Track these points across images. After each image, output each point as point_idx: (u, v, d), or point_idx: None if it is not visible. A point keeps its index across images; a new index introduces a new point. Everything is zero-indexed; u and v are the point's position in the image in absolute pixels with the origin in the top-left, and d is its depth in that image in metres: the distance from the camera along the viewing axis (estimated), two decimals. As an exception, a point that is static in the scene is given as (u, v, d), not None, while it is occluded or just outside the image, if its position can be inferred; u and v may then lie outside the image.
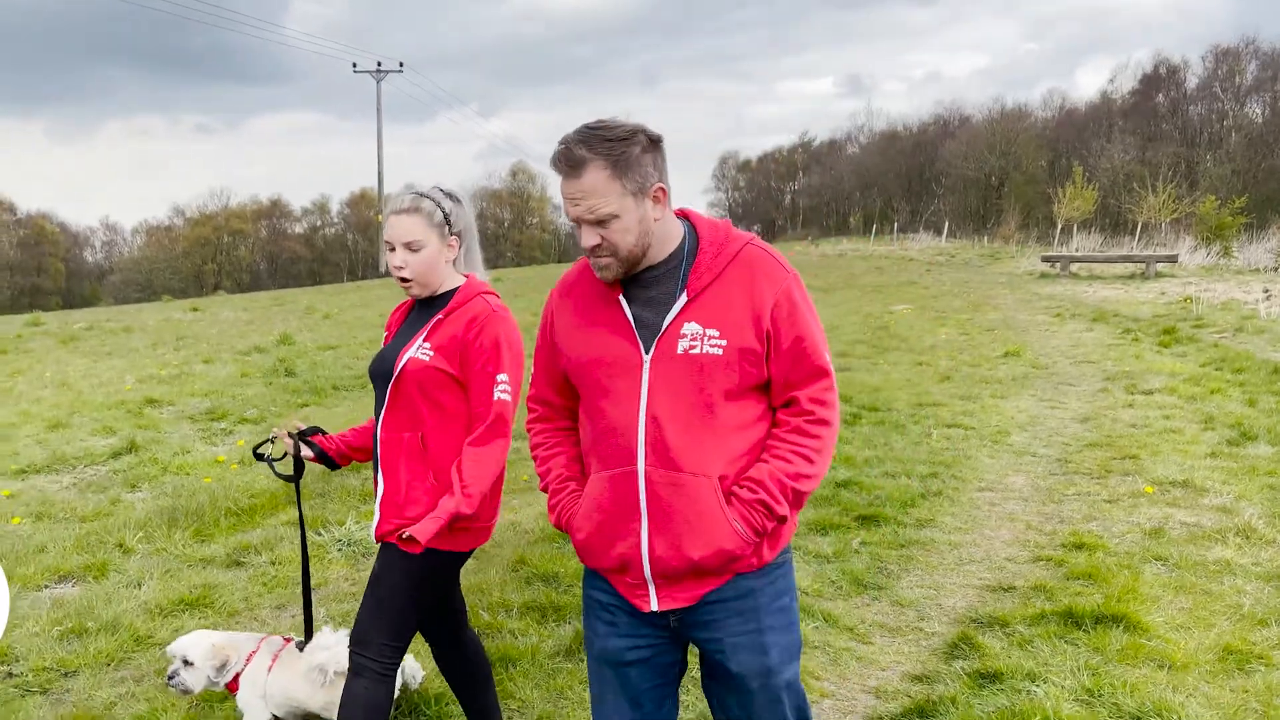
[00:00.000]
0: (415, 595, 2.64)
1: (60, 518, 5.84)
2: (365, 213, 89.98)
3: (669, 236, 2.09)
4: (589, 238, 2.00)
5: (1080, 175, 39.27)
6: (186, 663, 3.17)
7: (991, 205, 60.21)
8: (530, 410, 2.35)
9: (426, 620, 2.87)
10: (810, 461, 2.03)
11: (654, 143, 2.02)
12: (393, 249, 2.60)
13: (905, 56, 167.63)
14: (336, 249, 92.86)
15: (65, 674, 3.88)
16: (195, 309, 22.90)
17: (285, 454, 2.85)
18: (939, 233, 49.66)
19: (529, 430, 2.35)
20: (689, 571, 2.05)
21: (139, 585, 4.73)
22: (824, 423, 2.05)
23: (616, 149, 1.96)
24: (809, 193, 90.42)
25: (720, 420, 2.02)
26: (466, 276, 2.72)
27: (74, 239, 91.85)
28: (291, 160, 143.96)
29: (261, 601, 4.63)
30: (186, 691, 3.18)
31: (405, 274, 2.60)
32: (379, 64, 54.07)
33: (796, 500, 2.05)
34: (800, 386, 2.04)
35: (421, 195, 2.62)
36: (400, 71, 53.93)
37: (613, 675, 2.22)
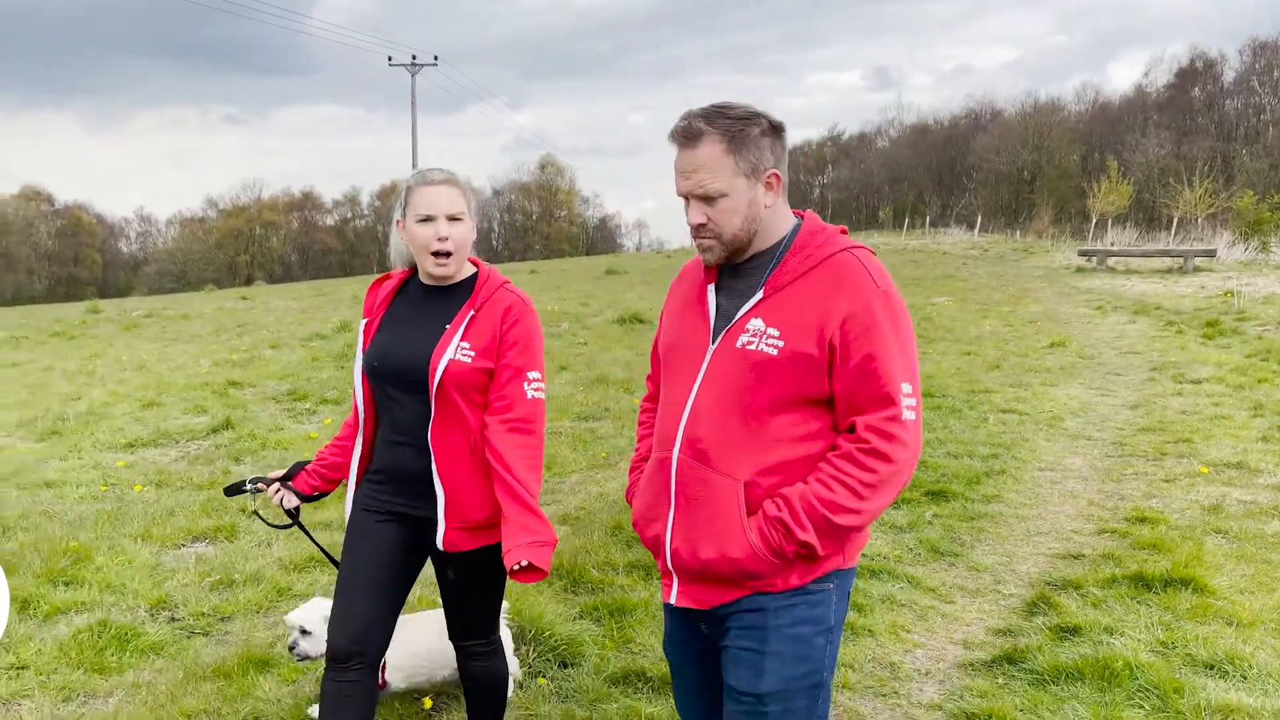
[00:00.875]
0: (498, 583, 2.69)
1: (178, 486, 6.27)
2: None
3: (774, 229, 2.04)
4: (695, 215, 1.99)
5: (1115, 169, 39.17)
6: (304, 631, 3.19)
7: (1024, 199, 60.00)
8: (647, 388, 2.42)
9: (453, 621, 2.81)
10: (855, 495, 1.88)
11: (775, 129, 2.01)
12: (430, 219, 2.45)
13: (934, 49, 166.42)
14: (367, 241, 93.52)
15: (222, 619, 4.29)
16: (244, 298, 23.50)
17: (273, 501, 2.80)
18: (971, 227, 49.59)
19: (640, 409, 2.42)
20: (700, 572, 2.01)
21: (269, 545, 5.14)
22: (881, 455, 1.88)
23: (735, 126, 1.95)
24: (838, 186, 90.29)
25: (763, 425, 1.95)
26: (476, 263, 2.62)
27: (110, 230, 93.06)
28: (319, 152, 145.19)
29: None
30: (306, 658, 3.21)
31: (448, 245, 2.46)
32: (413, 57, 54.64)
33: (830, 531, 1.91)
34: (863, 411, 1.91)
35: (452, 171, 2.54)
36: (435, 65, 54.50)
37: (673, 664, 2.31)
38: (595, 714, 3.38)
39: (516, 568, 2.33)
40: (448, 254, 2.46)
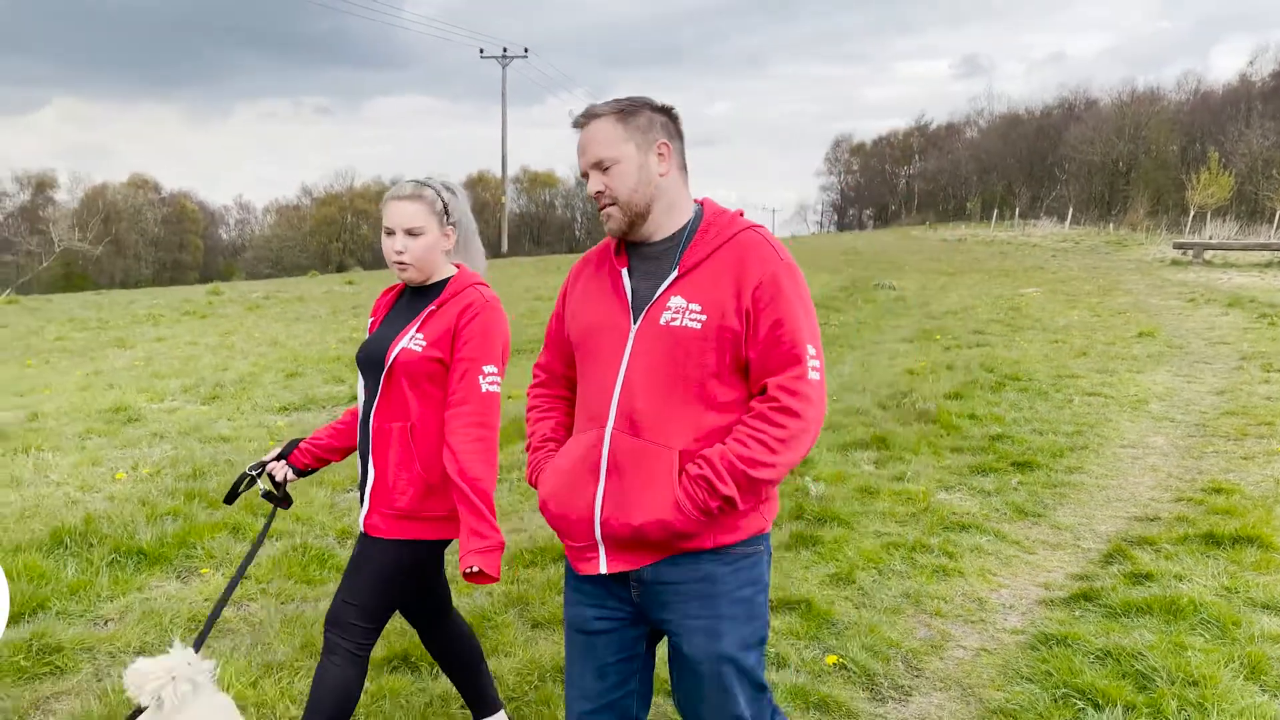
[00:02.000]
0: (396, 583, 2.68)
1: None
2: (482, 195, 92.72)
3: (676, 209, 2.16)
4: (593, 184, 2.13)
5: (1216, 161, 38.16)
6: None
7: (1118, 191, 58.60)
8: (534, 376, 2.46)
9: (409, 606, 2.91)
10: (769, 449, 1.98)
11: (665, 110, 2.16)
12: (392, 234, 2.63)
13: (1026, 36, 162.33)
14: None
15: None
16: (350, 282, 24.74)
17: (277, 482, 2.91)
18: (1062, 219, 48.74)
19: (529, 394, 2.46)
20: (631, 538, 2.07)
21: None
22: (790, 412, 1.99)
23: (625, 104, 2.13)
24: (924, 177, 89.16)
25: (692, 395, 2.05)
26: (458, 267, 2.76)
27: (211, 217, 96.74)
28: (406, 142, 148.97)
29: (522, 508, 5.74)
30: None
31: (405, 259, 2.62)
32: (504, 50, 55.91)
33: (750, 486, 2.00)
34: (773, 373, 2.02)
35: (423, 184, 2.67)
36: (525, 57, 55.67)
37: (580, 643, 2.25)
38: (724, 625, 4.01)
39: (468, 572, 2.45)
40: (403, 264, 2.64)
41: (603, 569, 2.11)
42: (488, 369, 2.57)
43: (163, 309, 18.02)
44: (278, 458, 2.90)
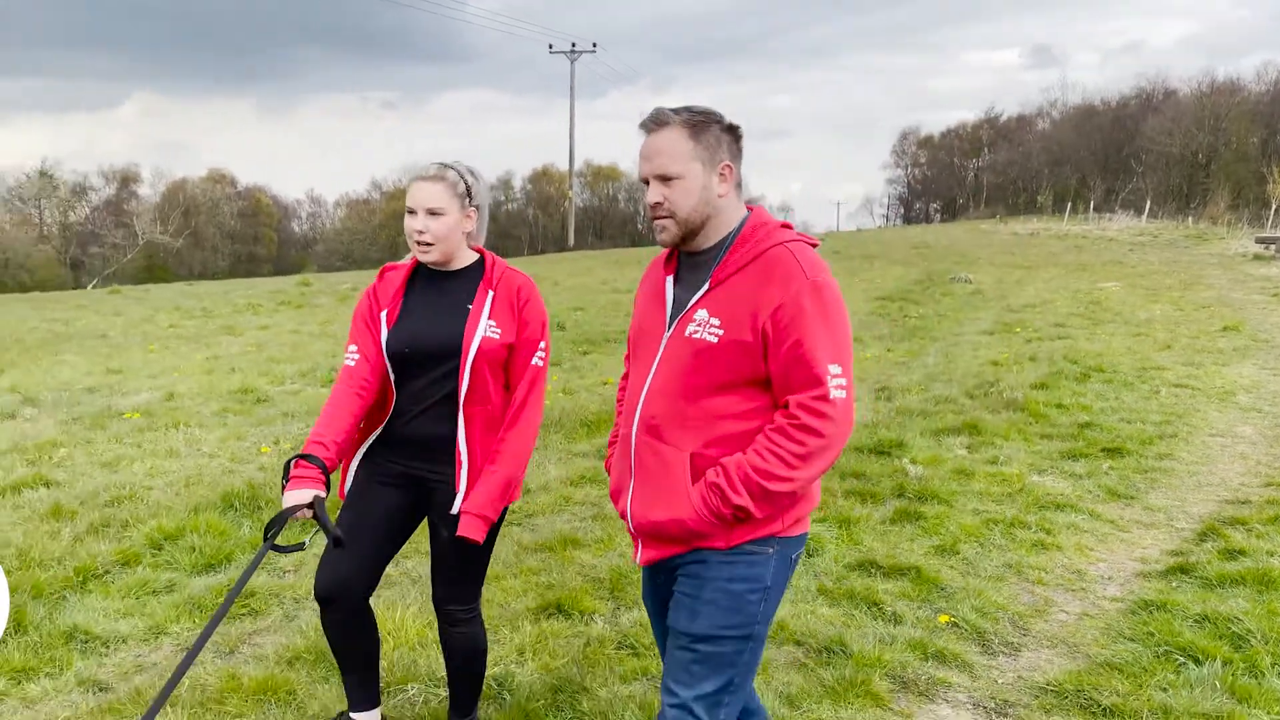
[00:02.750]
0: (489, 549, 2.88)
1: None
2: (546, 189, 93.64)
3: (725, 223, 2.21)
4: (653, 194, 2.16)
5: (1301, 153, 37.08)
6: None
7: (1197, 184, 57.19)
8: (625, 367, 2.58)
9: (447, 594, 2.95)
10: (786, 464, 2.05)
11: (731, 129, 2.20)
12: (414, 213, 2.69)
13: (1101, 25, 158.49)
14: (518, 224, 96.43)
15: (527, 516, 5.50)
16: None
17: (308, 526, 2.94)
18: (1138, 212, 47.78)
19: (619, 386, 2.62)
20: (654, 531, 2.21)
21: (546, 467, 6.36)
22: (809, 430, 2.05)
23: (697, 118, 2.15)
24: (994, 170, 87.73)
25: (706, 403, 2.14)
26: (480, 250, 2.84)
27: (284, 210, 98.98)
28: (470, 136, 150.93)
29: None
30: None
31: (426, 238, 2.68)
32: (573, 45, 56.53)
33: (765, 497, 2.08)
34: (794, 391, 2.08)
35: (447, 166, 2.73)
36: (594, 52, 56.24)
37: (653, 625, 2.51)
38: (839, 587, 4.38)
39: (457, 527, 2.69)
40: (424, 244, 2.69)
41: (638, 559, 2.29)
42: (542, 345, 2.76)
43: (259, 299, 18.87)
44: (300, 504, 2.61)
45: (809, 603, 4.22)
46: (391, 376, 2.77)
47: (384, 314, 2.77)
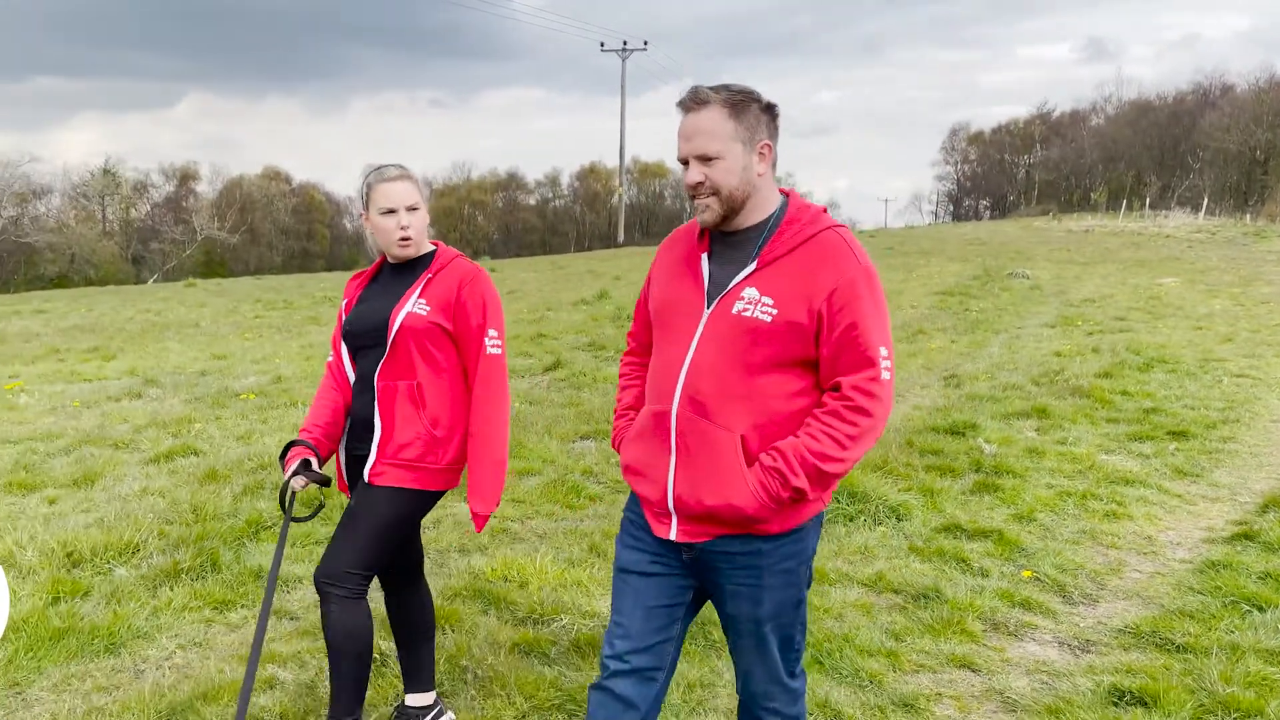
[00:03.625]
0: (389, 531, 2.84)
1: (549, 404, 8.16)
2: (593, 186, 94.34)
3: (765, 203, 2.22)
4: (694, 174, 2.16)
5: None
6: None
7: (1256, 181, 56.25)
8: (627, 344, 2.62)
9: (388, 565, 3.02)
10: (840, 445, 2.09)
11: (769, 109, 2.20)
12: (394, 212, 2.79)
13: (1156, 18, 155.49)
14: (565, 220, 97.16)
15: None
16: (493, 269, 26.17)
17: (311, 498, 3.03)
18: (1195, 209, 47.20)
19: (621, 361, 2.63)
20: (704, 515, 2.19)
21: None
22: (862, 411, 2.09)
23: (736, 97, 2.15)
24: (1046, 166, 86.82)
25: (756, 383, 2.14)
26: (435, 243, 2.94)
27: (336, 207, 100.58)
28: (516, 133, 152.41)
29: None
30: None
31: (409, 233, 2.79)
32: (624, 43, 57.08)
33: (820, 479, 2.11)
34: (846, 373, 2.11)
35: (402, 166, 2.85)
36: (645, 50, 56.76)
37: (633, 583, 2.35)
38: (929, 546, 4.83)
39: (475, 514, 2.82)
40: (408, 238, 2.82)
41: (673, 535, 2.25)
42: (491, 332, 2.79)
43: (332, 291, 19.65)
44: (296, 471, 2.83)
45: (902, 559, 4.69)
46: (348, 364, 2.92)
47: (343, 305, 2.99)
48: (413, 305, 2.76)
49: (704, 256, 2.25)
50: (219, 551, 4.64)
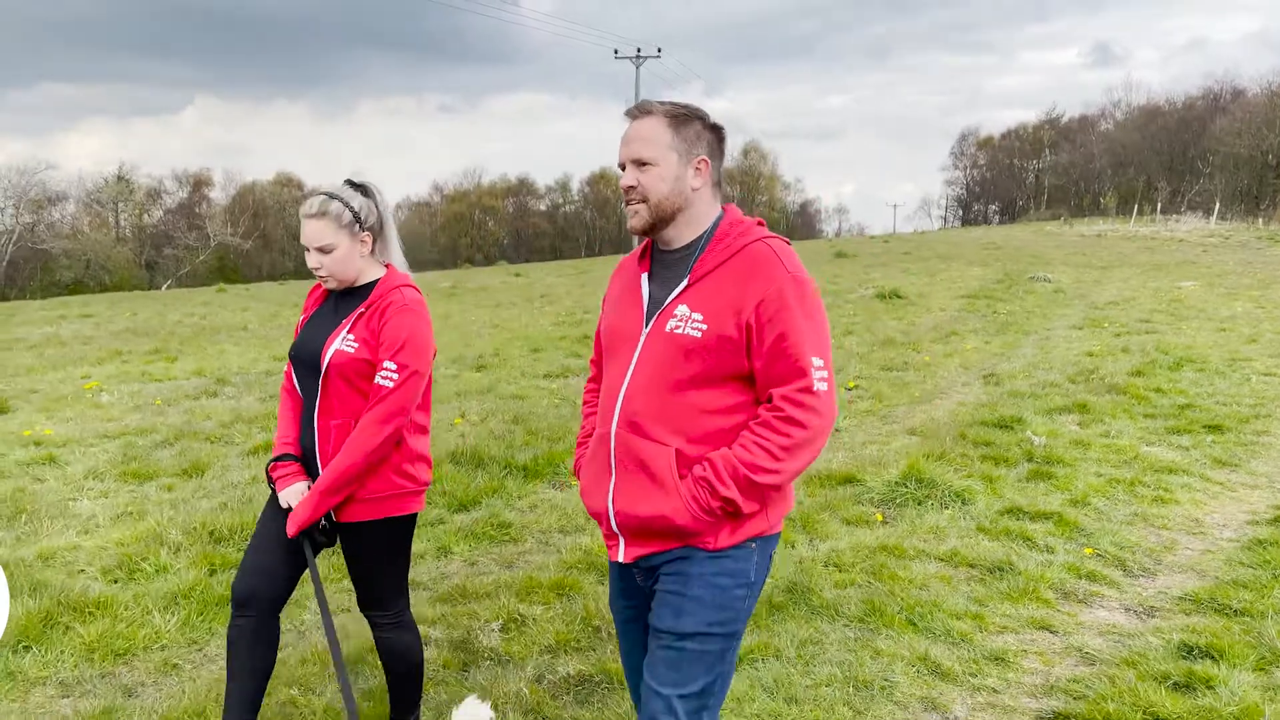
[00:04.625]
0: (396, 556, 2.91)
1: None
2: (604, 191, 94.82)
3: (700, 218, 2.23)
4: (628, 178, 2.18)
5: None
6: None
7: (1268, 185, 56.51)
8: (590, 371, 2.64)
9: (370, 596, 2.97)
10: (773, 456, 2.07)
11: (715, 128, 2.24)
12: (309, 250, 2.75)
13: (1163, 21, 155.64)
14: (576, 226, 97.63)
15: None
16: (518, 274, 26.65)
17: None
18: (1206, 214, 47.50)
19: (585, 389, 2.65)
20: (641, 528, 2.19)
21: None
22: (794, 422, 2.07)
23: (679, 111, 2.20)
24: (1055, 171, 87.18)
25: (689, 399, 2.14)
26: (387, 267, 2.86)
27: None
28: (525, 138, 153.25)
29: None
30: None
31: (323, 272, 2.77)
32: (638, 50, 57.62)
33: (751, 489, 2.09)
34: (778, 384, 2.10)
35: (330, 198, 2.73)
36: (659, 57, 57.26)
37: (621, 630, 2.48)
38: (995, 527, 5.24)
39: (290, 519, 2.74)
40: (324, 277, 2.79)
41: (621, 556, 2.26)
42: (388, 364, 2.68)
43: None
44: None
45: (972, 537, 5.10)
46: (295, 384, 2.91)
47: (298, 323, 2.98)
48: (340, 342, 2.73)
49: (644, 277, 2.28)
50: (350, 530, 5.08)
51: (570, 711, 3.44)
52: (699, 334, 2.11)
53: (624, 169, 2.21)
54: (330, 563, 4.69)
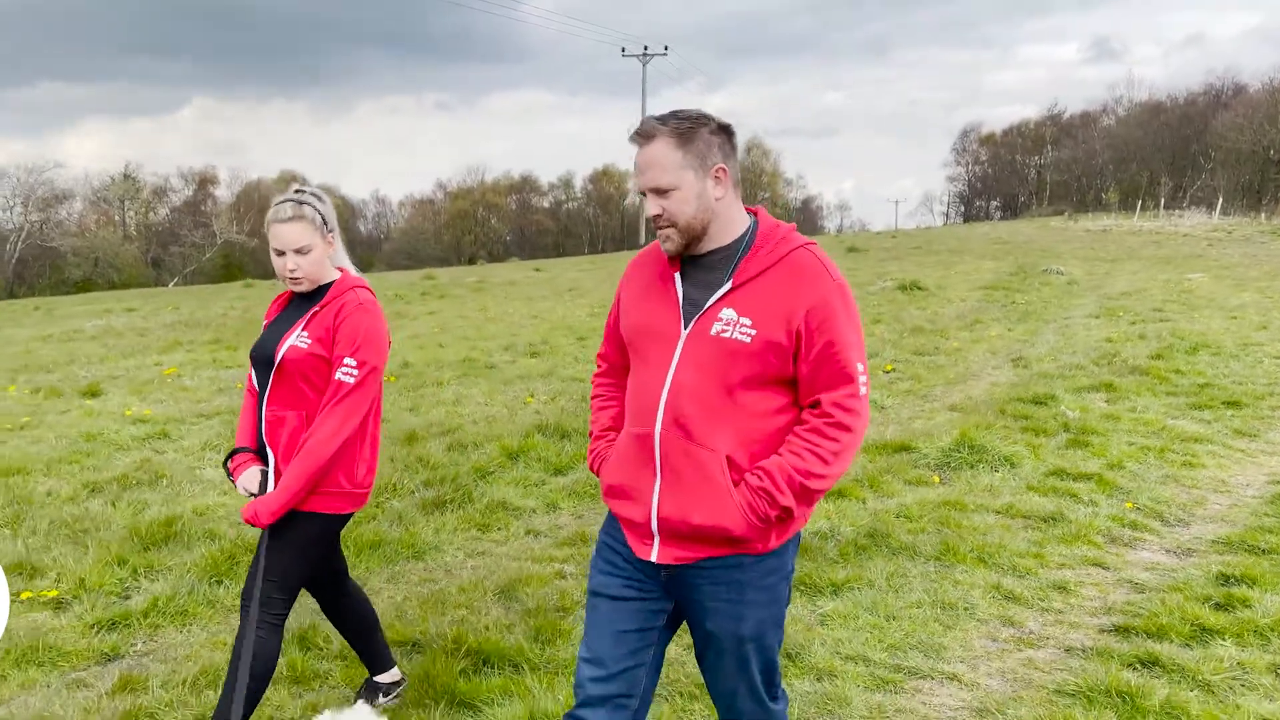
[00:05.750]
0: (303, 555, 2.90)
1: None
2: (606, 189, 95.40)
3: (732, 223, 2.24)
4: (652, 207, 2.18)
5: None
6: None
7: (1269, 180, 57.09)
8: (597, 365, 2.61)
9: (313, 579, 3.12)
10: (824, 461, 2.11)
11: (723, 129, 2.21)
12: (283, 254, 2.83)
13: (1162, 17, 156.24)
14: (579, 223, 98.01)
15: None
16: (538, 269, 27.26)
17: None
18: (1209, 209, 48.10)
19: (593, 381, 2.62)
20: (690, 535, 2.20)
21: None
22: (843, 427, 2.12)
23: (684, 125, 2.16)
24: (1057, 167, 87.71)
25: (737, 403, 2.16)
26: (341, 271, 2.98)
27: (351, 210, 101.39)
28: (525, 136, 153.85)
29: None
30: None
31: (298, 274, 2.84)
32: (645, 48, 58.19)
33: (804, 495, 2.14)
34: (825, 389, 2.14)
35: (301, 203, 2.83)
36: (665, 55, 57.86)
37: (604, 608, 2.34)
38: (1043, 485, 5.83)
39: (248, 509, 2.80)
40: (297, 279, 2.88)
41: (654, 557, 2.25)
42: (347, 361, 2.79)
43: (402, 289, 20.71)
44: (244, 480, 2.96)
45: (1024, 494, 5.70)
46: (257, 383, 2.98)
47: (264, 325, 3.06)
48: (295, 338, 2.83)
49: (676, 277, 2.26)
50: (471, 487, 5.69)
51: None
52: (748, 339, 2.13)
53: (644, 196, 2.21)
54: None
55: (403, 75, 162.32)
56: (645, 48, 57.98)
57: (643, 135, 2.18)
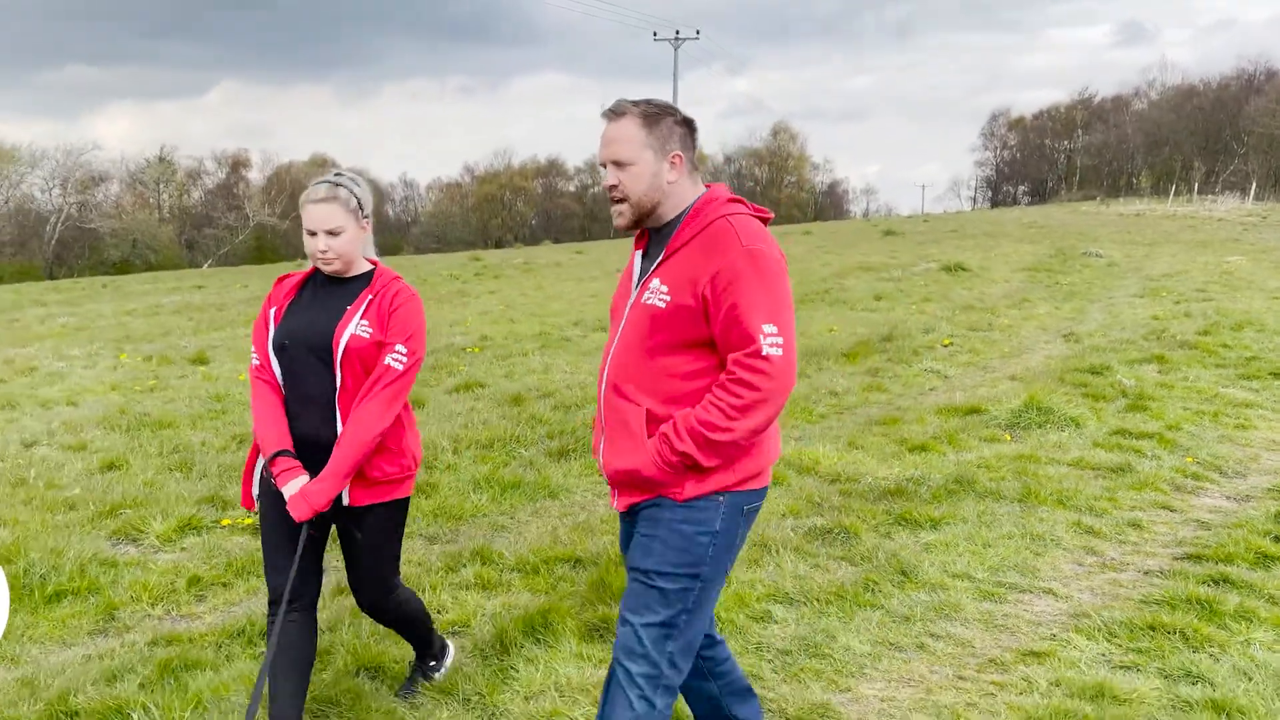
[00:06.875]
0: (398, 538, 3.05)
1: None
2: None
3: (679, 203, 2.41)
4: (610, 178, 2.35)
5: None
6: None
7: (1304, 165, 56.73)
8: None
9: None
10: (726, 415, 2.24)
11: (686, 122, 2.40)
12: (314, 234, 2.80)
13: (1192, 1, 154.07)
14: (604, 206, 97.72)
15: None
16: (579, 251, 27.87)
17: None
18: (1243, 193, 47.97)
19: None
20: (620, 480, 2.42)
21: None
22: (745, 384, 2.23)
23: (653, 110, 2.35)
24: (1088, 151, 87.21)
25: (657, 363, 2.35)
26: (373, 263, 2.95)
27: (380, 194, 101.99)
28: (548, 120, 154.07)
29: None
30: None
31: (330, 255, 2.81)
32: (677, 32, 58.49)
33: (709, 446, 2.26)
34: (732, 349, 2.27)
35: (336, 185, 2.82)
36: (697, 39, 58.13)
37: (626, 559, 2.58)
38: (1108, 442, 6.37)
39: (296, 503, 2.74)
40: (329, 261, 2.83)
41: (616, 505, 2.52)
42: (399, 348, 2.80)
43: (455, 269, 21.38)
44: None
45: (1091, 450, 6.25)
46: (279, 375, 2.89)
47: (273, 312, 2.92)
48: (355, 327, 2.79)
49: (637, 254, 2.52)
50: (587, 439, 6.31)
51: (818, 549, 4.64)
52: (663, 304, 2.32)
53: (605, 168, 2.38)
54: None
55: (426, 59, 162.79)
56: (677, 31, 58.22)
57: (614, 112, 2.39)
